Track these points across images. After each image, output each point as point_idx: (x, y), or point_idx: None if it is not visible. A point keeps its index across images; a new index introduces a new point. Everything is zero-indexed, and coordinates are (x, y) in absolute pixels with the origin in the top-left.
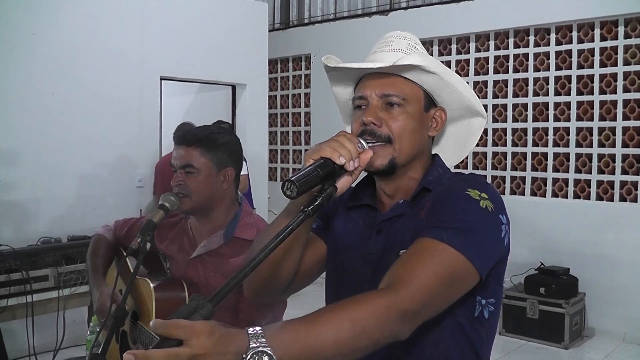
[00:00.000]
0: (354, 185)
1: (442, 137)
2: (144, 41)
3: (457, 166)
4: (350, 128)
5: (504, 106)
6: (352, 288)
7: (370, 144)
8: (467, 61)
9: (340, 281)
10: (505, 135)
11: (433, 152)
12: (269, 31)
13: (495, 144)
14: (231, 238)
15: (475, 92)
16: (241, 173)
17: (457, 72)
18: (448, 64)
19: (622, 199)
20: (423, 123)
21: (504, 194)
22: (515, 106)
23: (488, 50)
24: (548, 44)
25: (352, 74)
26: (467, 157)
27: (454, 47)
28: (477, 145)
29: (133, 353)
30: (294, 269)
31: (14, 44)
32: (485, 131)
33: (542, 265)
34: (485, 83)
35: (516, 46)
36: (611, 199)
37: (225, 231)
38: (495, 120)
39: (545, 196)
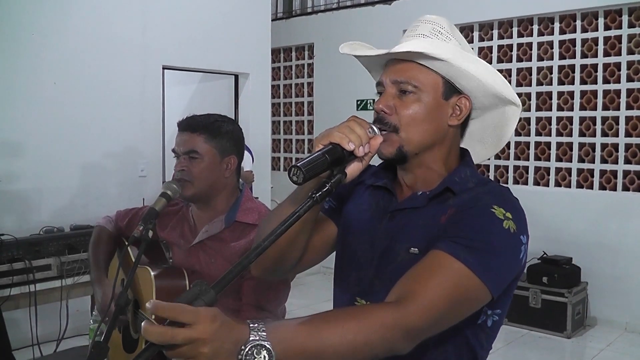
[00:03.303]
0: (374, 166)
1: (481, 129)
2: (146, 30)
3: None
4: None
5: None
6: (356, 271)
7: (380, 131)
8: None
9: (346, 261)
10: None
11: (474, 145)
12: (272, 20)
13: None
14: (233, 222)
15: None
16: (246, 169)
17: None
18: None
19: (625, 188)
20: (440, 111)
21: (507, 183)
22: (518, 95)
23: (491, 39)
24: (552, 33)
25: (376, 61)
26: None
27: None
28: None
29: (145, 322)
30: (301, 252)
31: (15, 35)
32: None
33: (545, 255)
34: None
35: (520, 35)
36: (614, 189)
37: (226, 216)
38: None
39: (548, 185)
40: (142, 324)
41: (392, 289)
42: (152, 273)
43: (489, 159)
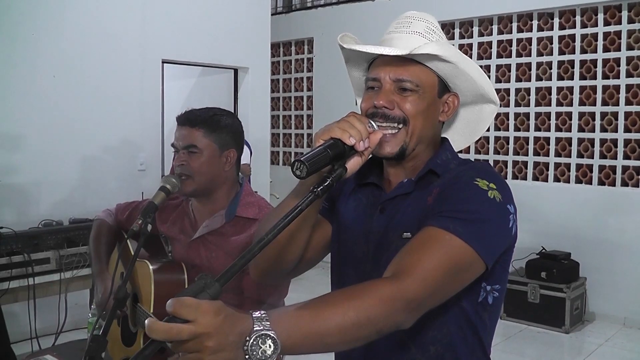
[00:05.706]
0: None
1: (453, 121)
2: (145, 24)
3: (460, 150)
4: (360, 106)
5: (507, 91)
6: (353, 267)
7: (381, 127)
8: (470, 45)
9: (342, 259)
10: (508, 119)
11: (442, 136)
12: (272, 15)
13: (497, 129)
14: (233, 217)
15: None
16: (244, 163)
17: None
18: None
19: (624, 183)
20: (435, 108)
21: (506, 178)
22: (517, 91)
23: (491, 34)
24: (551, 29)
25: (366, 55)
26: None
27: (457, 31)
28: None
29: (148, 320)
30: (301, 250)
31: (15, 29)
32: None
33: (544, 250)
34: (488, 67)
35: (519, 30)
36: (613, 184)
37: (227, 210)
38: None
39: (547, 181)
40: (146, 321)
41: (388, 266)
42: (151, 267)
43: (488, 155)
